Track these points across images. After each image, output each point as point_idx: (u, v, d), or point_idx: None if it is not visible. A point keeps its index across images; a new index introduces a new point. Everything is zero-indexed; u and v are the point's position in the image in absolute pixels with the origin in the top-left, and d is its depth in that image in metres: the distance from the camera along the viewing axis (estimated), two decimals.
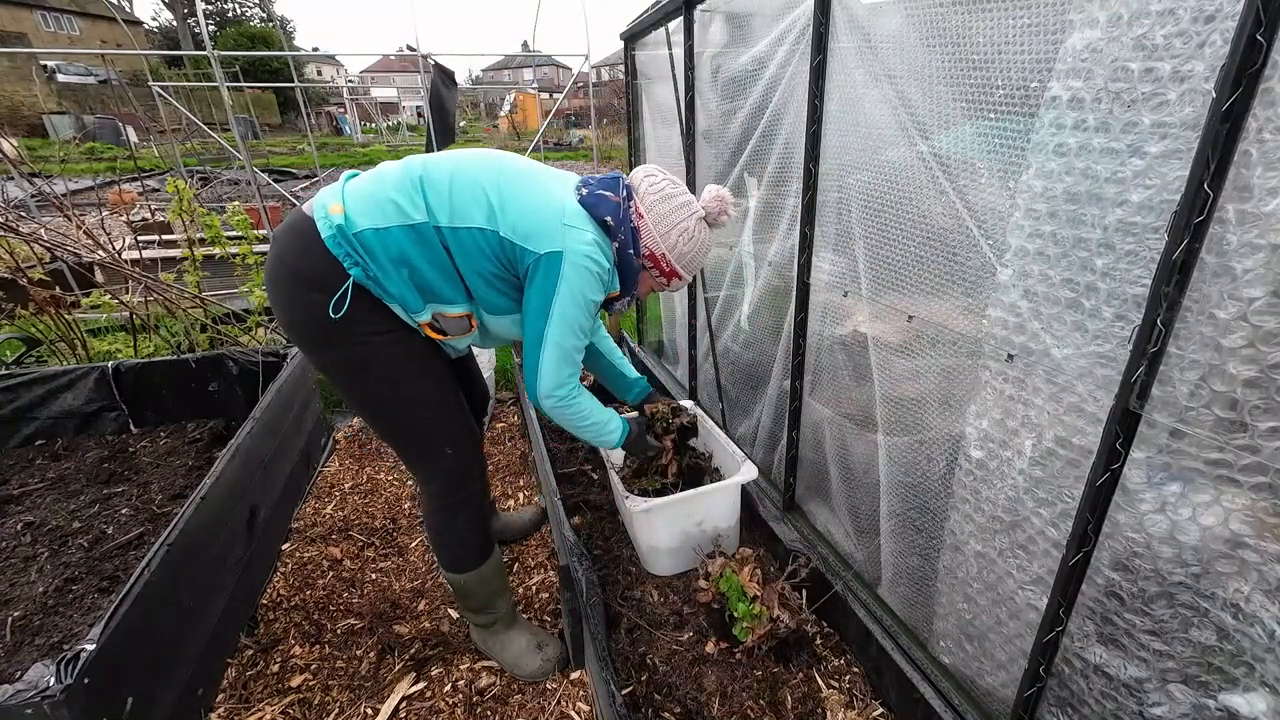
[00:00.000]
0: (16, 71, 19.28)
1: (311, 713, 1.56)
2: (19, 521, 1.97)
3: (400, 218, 1.27)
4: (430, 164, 1.33)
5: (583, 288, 1.32)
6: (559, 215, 1.31)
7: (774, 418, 2.09)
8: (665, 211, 1.42)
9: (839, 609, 1.66)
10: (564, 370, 1.39)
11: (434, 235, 1.29)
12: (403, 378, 1.39)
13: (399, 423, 1.45)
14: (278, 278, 1.32)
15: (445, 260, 1.31)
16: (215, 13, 36.58)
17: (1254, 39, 0.66)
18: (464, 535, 1.54)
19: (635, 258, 1.42)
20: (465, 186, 1.30)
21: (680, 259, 1.46)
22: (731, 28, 2.08)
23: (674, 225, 1.43)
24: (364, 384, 1.39)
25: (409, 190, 1.29)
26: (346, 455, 2.76)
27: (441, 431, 1.47)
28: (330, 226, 1.26)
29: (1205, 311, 0.77)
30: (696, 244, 1.46)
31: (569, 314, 1.32)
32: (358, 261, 1.26)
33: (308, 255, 1.28)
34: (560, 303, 1.31)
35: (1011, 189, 1.03)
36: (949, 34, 1.12)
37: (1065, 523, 1.02)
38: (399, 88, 30.27)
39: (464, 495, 1.52)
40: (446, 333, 1.41)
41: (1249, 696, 0.84)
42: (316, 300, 1.28)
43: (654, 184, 1.45)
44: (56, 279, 3.09)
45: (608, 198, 1.37)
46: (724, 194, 1.48)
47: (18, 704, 1.03)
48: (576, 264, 1.30)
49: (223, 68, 4.50)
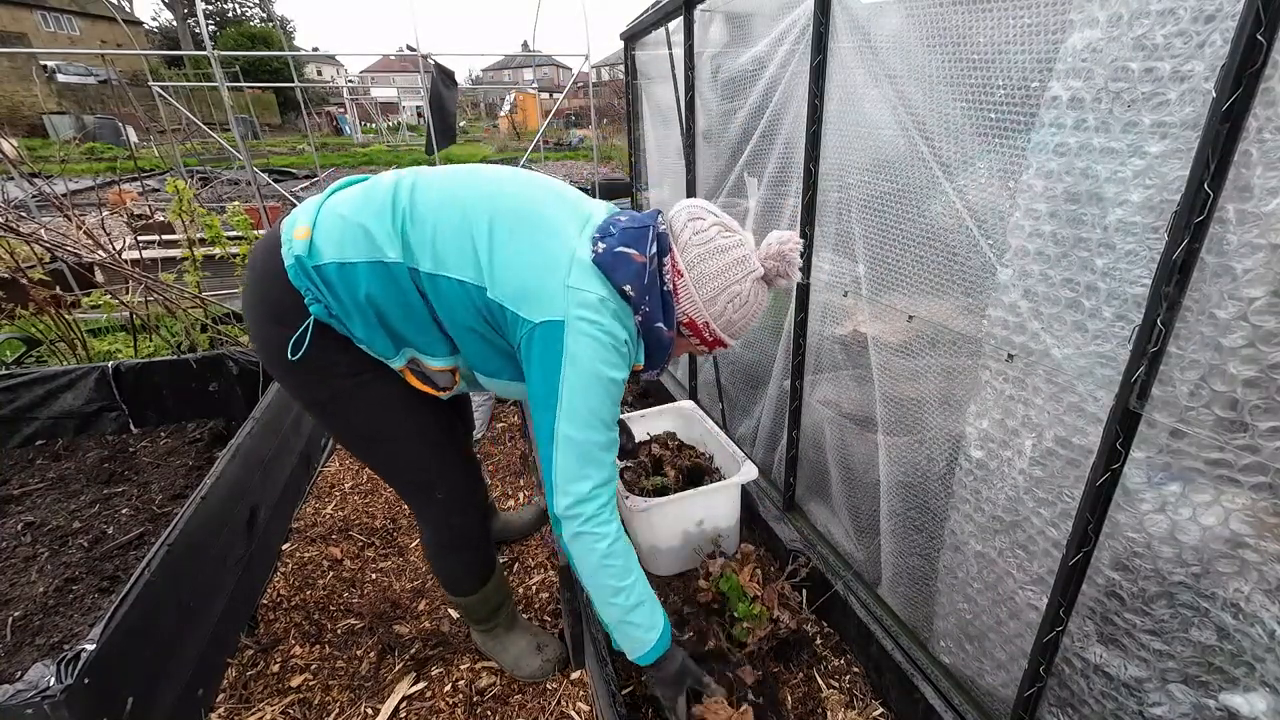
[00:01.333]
0: (16, 71, 19.29)
1: (312, 713, 1.56)
2: (19, 521, 1.97)
3: (371, 251, 1.06)
4: (421, 188, 1.11)
5: (595, 364, 1.04)
6: (562, 273, 1.04)
7: (774, 417, 2.09)
8: (713, 271, 1.11)
9: (839, 609, 1.66)
10: (586, 475, 1.07)
11: (408, 279, 1.07)
12: (379, 423, 1.22)
13: (382, 465, 1.33)
14: (246, 300, 1.17)
15: (421, 308, 1.10)
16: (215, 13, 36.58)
17: (1254, 39, 0.66)
18: (463, 567, 1.50)
19: (666, 330, 1.12)
20: (453, 225, 1.07)
21: (728, 328, 1.16)
22: (731, 28, 2.08)
23: (723, 289, 1.12)
24: (337, 426, 1.25)
25: (389, 218, 1.07)
26: (346, 455, 2.76)
27: (428, 475, 1.32)
28: (291, 255, 1.07)
29: (1205, 311, 0.77)
30: (747, 310, 1.15)
31: (580, 400, 1.04)
32: (318, 298, 1.07)
33: (270, 283, 1.10)
34: (569, 386, 1.04)
35: (1011, 189, 1.03)
36: (949, 34, 1.12)
37: (1065, 522, 1.02)
38: (399, 88, 30.29)
39: (460, 530, 1.43)
40: (433, 384, 1.22)
41: (1249, 696, 0.84)
42: (277, 334, 1.11)
43: (700, 231, 1.13)
44: (56, 279, 3.09)
45: (629, 259, 1.06)
46: (788, 249, 1.14)
47: (18, 704, 1.03)
48: (583, 334, 1.03)
49: (223, 68, 4.50)
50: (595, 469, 1.09)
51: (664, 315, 1.12)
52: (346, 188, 1.18)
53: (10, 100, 19.43)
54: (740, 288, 1.12)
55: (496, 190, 1.12)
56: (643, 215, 1.16)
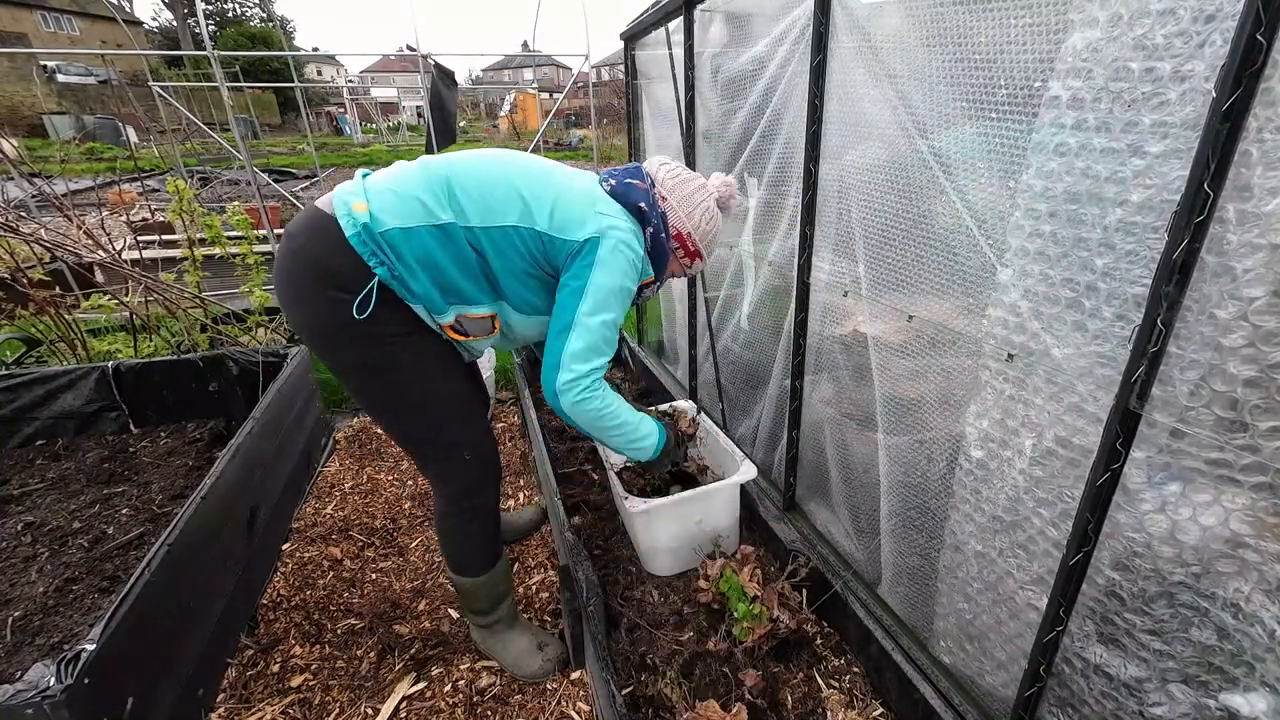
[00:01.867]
0: (16, 71, 19.30)
1: (312, 713, 1.56)
2: (19, 521, 1.97)
3: (427, 217, 1.26)
4: (454, 164, 1.33)
5: (619, 275, 1.32)
6: (591, 204, 1.33)
7: (774, 417, 2.09)
8: (687, 193, 1.47)
9: (839, 609, 1.66)
10: (589, 359, 1.33)
11: (462, 235, 1.28)
12: (422, 380, 1.37)
13: (417, 425, 1.43)
14: (295, 274, 1.29)
15: (473, 260, 1.31)
16: (215, 13, 36.59)
17: (1254, 39, 0.66)
18: (476, 542, 1.53)
19: (667, 240, 1.45)
20: (495, 185, 1.31)
21: (704, 238, 1.50)
22: (731, 27, 2.08)
23: (697, 205, 1.47)
24: (382, 385, 1.37)
25: (435, 190, 1.28)
26: (346, 455, 2.76)
27: (461, 435, 1.45)
28: (355, 224, 1.24)
29: (1205, 311, 0.77)
30: (716, 223, 1.53)
31: (602, 299, 1.31)
32: (383, 261, 1.24)
33: (329, 253, 1.25)
34: (595, 286, 1.30)
35: (1012, 189, 1.03)
36: (949, 34, 1.12)
37: (1065, 522, 1.02)
38: (399, 88, 30.27)
39: (480, 501, 1.51)
40: (469, 334, 1.40)
41: (1249, 696, 0.84)
42: (337, 299, 1.25)
43: (670, 170, 1.50)
44: (56, 279, 3.10)
45: (636, 185, 1.40)
46: (730, 180, 1.55)
47: (18, 704, 1.03)
48: (614, 250, 1.31)
49: (223, 68, 4.50)
50: (596, 354, 1.34)
51: (664, 228, 1.45)
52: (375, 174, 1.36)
53: (10, 100, 19.44)
54: (708, 203, 1.49)
55: (519, 158, 1.40)
56: (629, 165, 1.50)
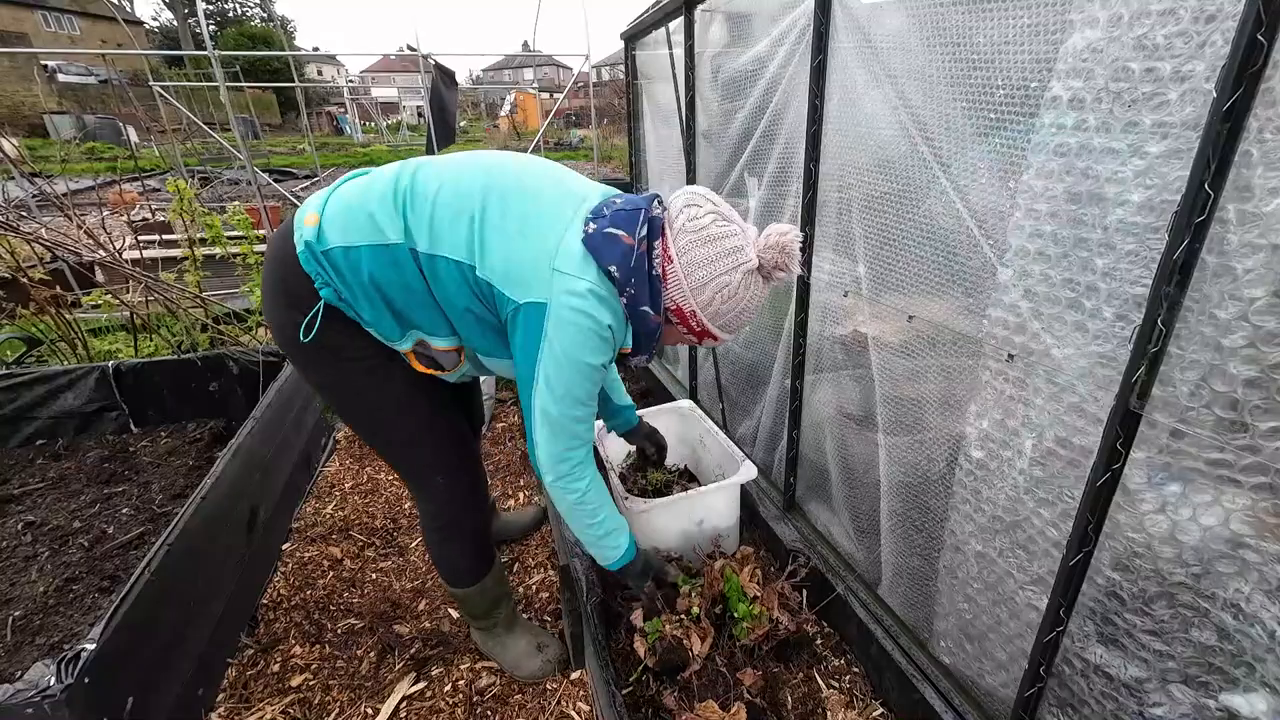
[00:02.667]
0: (17, 71, 19.29)
1: (312, 712, 1.56)
2: (20, 521, 1.97)
3: (373, 235, 1.10)
4: (423, 172, 1.15)
5: (574, 350, 1.07)
6: (550, 257, 1.07)
7: (774, 417, 2.09)
8: (703, 259, 1.09)
9: (839, 609, 1.66)
10: (558, 445, 1.16)
11: (409, 259, 1.11)
12: (384, 407, 1.28)
13: (386, 448, 1.38)
14: (265, 286, 1.23)
15: (422, 288, 1.13)
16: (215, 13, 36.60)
17: (1255, 39, 0.66)
18: (459, 558, 1.52)
19: (652, 313, 1.12)
20: (449, 205, 1.10)
21: (715, 319, 1.14)
22: (732, 27, 2.08)
23: (711, 278, 1.09)
24: (345, 407, 1.31)
25: (390, 201, 1.11)
26: (347, 455, 2.76)
27: (429, 461, 1.37)
28: (301, 241, 1.12)
29: (1206, 311, 0.77)
30: (738, 303, 1.12)
31: (557, 380, 1.09)
32: (328, 281, 1.12)
33: (284, 269, 1.16)
34: (546, 366, 1.09)
35: (1012, 189, 1.03)
36: (949, 34, 1.12)
37: (1065, 523, 1.02)
38: (399, 88, 30.28)
39: (457, 521, 1.46)
40: (440, 366, 1.27)
41: (1249, 697, 0.84)
42: (292, 319, 1.16)
43: (694, 218, 1.11)
44: (57, 279, 3.09)
45: (617, 240, 1.06)
46: (788, 240, 1.10)
47: (18, 703, 1.03)
48: (564, 320, 1.06)
49: (223, 68, 4.50)
50: (569, 438, 1.17)
51: (650, 299, 1.11)
52: (356, 178, 1.21)
53: (11, 100, 19.43)
54: (730, 279, 1.10)
55: (495, 173, 1.14)
56: (639, 198, 1.16)
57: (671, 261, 1.11)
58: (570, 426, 1.16)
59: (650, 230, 1.11)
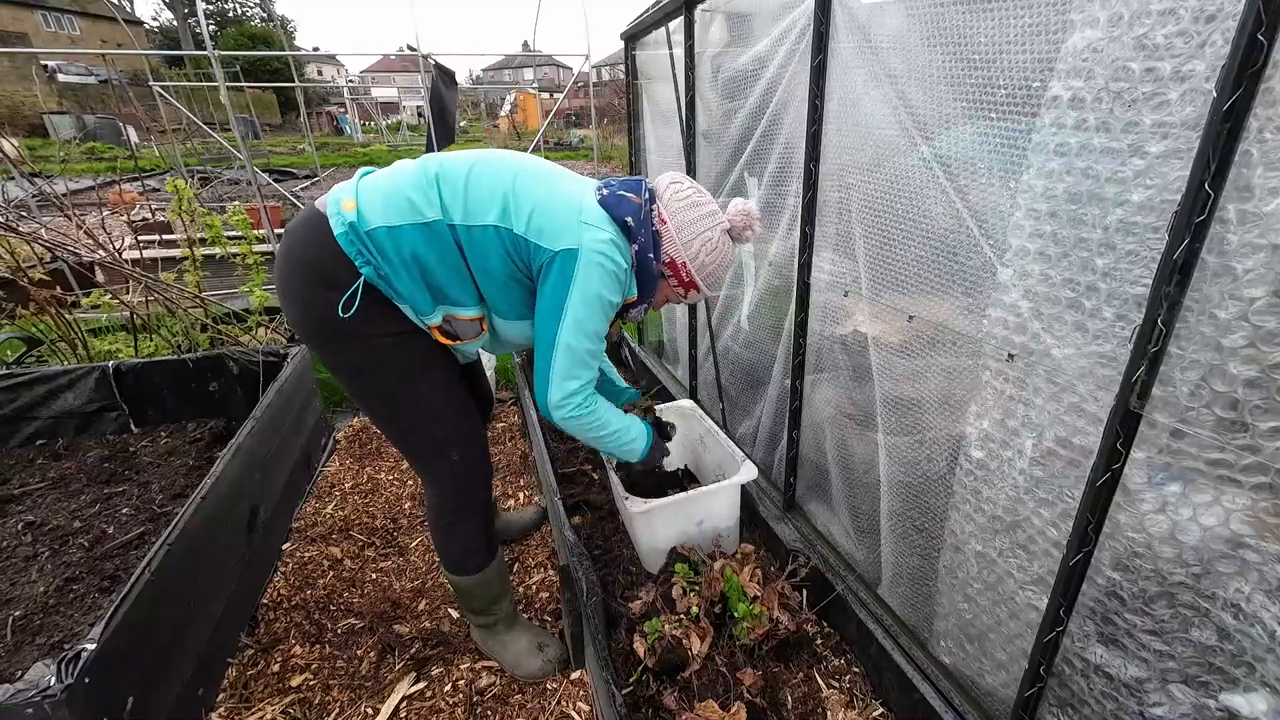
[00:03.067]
0: (17, 71, 19.30)
1: (312, 712, 1.56)
2: (20, 521, 1.97)
3: (414, 215, 1.26)
4: (447, 161, 1.33)
5: (598, 287, 1.28)
6: (576, 213, 1.29)
7: (774, 417, 2.09)
8: (690, 219, 1.39)
9: (839, 609, 1.66)
10: (577, 376, 1.34)
11: (447, 233, 1.27)
12: (410, 381, 1.38)
13: (405, 425, 1.44)
14: (289, 273, 1.32)
15: (458, 259, 1.29)
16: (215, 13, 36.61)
17: (1255, 38, 0.66)
18: (467, 541, 1.54)
19: (654, 263, 1.38)
20: (481, 182, 1.29)
21: (701, 270, 1.42)
22: (732, 27, 2.08)
23: (698, 234, 1.39)
24: (371, 385, 1.38)
25: (424, 187, 1.27)
26: (347, 455, 2.76)
27: (448, 436, 1.45)
28: (343, 223, 1.25)
29: (1206, 311, 0.77)
30: (719, 256, 1.43)
31: (583, 315, 1.29)
32: (369, 260, 1.25)
33: (320, 251, 1.27)
34: (574, 302, 1.28)
35: (1012, 189, 1.03)
36: (949, 34, 1.12)
37: (1066, 523, 1.02)
38: (399, 88, 30.28)
39: (469, 501, 1.51)
40: (458, 336, 1.39)
41: (1249, 696, 0.84)
42: (327, 298, 1.27)
43: (679, 191, 1.41)
44: (57, 279, 3.09)
45: (628, 199, 1.34)
46: (751, 209, 1.44)
47: (18, 703, 1.03)
48: (592, 262, 1.26)
49: (223, 68, 4.50)
50: (584, 370, 1.35)
51: (654, 249, 1.38)
52: (371, 173, 1.36)
53: (11, 100, 19.44)
54: (711, 235, 1.40)
55: (514, 159, 1.37)
56: (633, 177, 1.43)
57: (665, 223, 1.39)
58: (585, 358, 1.34)
59: (650, 196, 1.39)
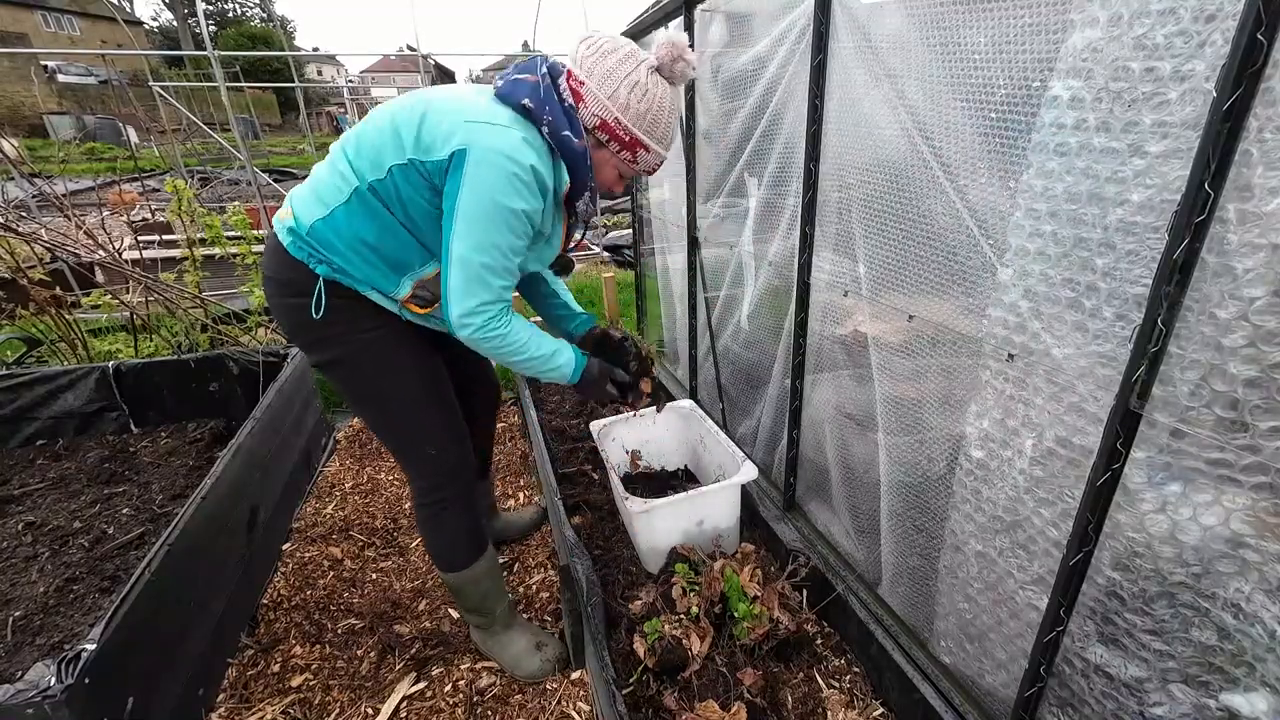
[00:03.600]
0: (17, 71, 19.29)
1: (312, 712, 1.56)
2: (20, 521, 1.97)
3: (337, 196, 1.24)
4: (351, 130, 1.30)
5: (491, 191, 1.13)
6: (461, 114, 1.17)
7: (774, 417, 2.09)
8: (608, 68, 1.22)
9: (839, 609, 1.66)
10: (475, 293, 1.20)
11: (372, 198, 1.22)
12: (387, 373, 1.40)
13: (382, 419, 1.46)
14: (267, 291, 1.37)
15: (391, 220, 1.24)
16: (215, 13, 36.63)
17: (1255, 38, 0.66)
18: (450, 534, 1.54)
19: (575, 138, 1.22)
20: (372, 128, 1.23)
21: (638, 120, 1.25)
22: (731, 27, 2.08)
23: (620, 80, 1.22)
24: (352, 381, 1.41)
25: (335, 163, 1.27)
26: (347, 455, 2.76)
27: (422, 430, 1.45)
28: (285, 231, 1.28)
29: (1206, 311, 0.77)
30: (652, 99, 1.24)
31: (476, 222, 1.15)
32: (321, 259, 1.26)
33: (279, 264, 1.31)
34: (463, 208, 1.14)
35: (1012, 189, 1.03)
36: (949, 33, 1.12)
37: (1066, 522, 1.02)
38: (399, 88, 30.24)
39: (448, 494, 1.51)
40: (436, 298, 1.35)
41: (1250, 696, 0.84)
42: (297, 304, 1.30)
43: (591, 44, 1.25)
44: (57, 279, 3.09)
45: (523, 80, 1.21)
46: (676, 38, 1.24)
47: (18, 704, 1.03)
48: (482, 161, 1.12)
49: (223, 68, 4.50)
50: (482, 289, 1.20)
51: (570, 125, 1.22)
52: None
53: (11, 100, 19.45)
54: (637, 75, 1.22)
55: (403, 98, 1.27)
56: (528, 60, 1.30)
57: (583, 84, 1.23)
58: (482, 274, 1.19)
59: (551, 70, 1.25)
